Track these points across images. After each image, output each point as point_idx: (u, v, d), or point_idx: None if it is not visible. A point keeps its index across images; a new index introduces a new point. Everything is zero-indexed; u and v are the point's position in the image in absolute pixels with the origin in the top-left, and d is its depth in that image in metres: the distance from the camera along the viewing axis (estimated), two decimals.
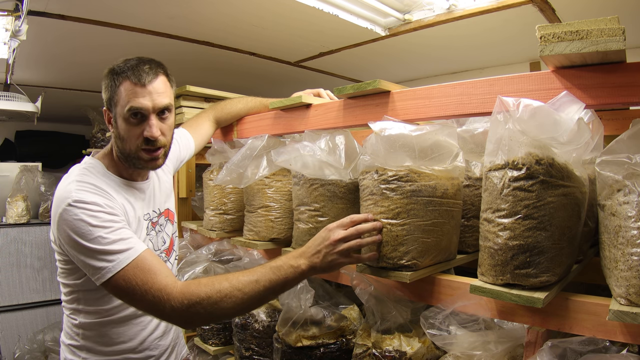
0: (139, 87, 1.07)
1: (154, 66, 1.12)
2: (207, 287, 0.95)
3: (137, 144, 1.11)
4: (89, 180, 1.07)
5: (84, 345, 1.16)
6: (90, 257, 0.98)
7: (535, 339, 0.86)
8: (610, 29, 0.71)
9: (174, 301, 0.94)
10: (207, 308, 0.94)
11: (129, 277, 0.97)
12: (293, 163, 1.20)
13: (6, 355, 3.05)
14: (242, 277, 0.97)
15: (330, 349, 1.29)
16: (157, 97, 1.10)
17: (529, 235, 0.79)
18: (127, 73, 1.08)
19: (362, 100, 1.16)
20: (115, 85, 1.09)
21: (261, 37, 2.00)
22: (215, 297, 0.94)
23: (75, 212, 0.99)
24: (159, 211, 1.30)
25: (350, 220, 0.99)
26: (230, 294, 0.95)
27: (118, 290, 0.99)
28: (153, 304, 0.96)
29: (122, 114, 1.09)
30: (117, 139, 1.13)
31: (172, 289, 0.95)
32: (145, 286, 0.96)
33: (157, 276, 0.97)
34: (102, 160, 1.18)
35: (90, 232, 0.98)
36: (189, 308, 0.94)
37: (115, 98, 1.09)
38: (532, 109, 0.76)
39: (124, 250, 0.99)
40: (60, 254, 1.11)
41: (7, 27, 1.75)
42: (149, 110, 1.09)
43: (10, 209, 3.22)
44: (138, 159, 1.13)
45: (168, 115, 1.15)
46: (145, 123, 1.10)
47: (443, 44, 2.08)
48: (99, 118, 3.70)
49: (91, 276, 1.00)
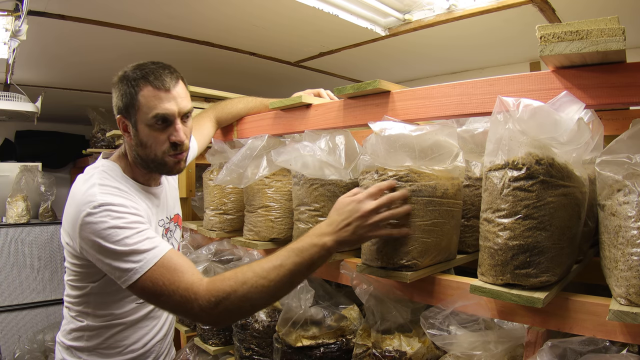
0: (163, 92, 1.06)
1: (173, 71, 1.11)
2: (232, 280, 0.91)
3: (164, 149, 1.10)
4: (111, 184, 1.06)
5: (86, 347, 1.16)
6: (116, 260, 0.96)
7: (535, 339, 0.86)
8: (610, 29, 0.71)
9: (202, 300, 0.90)
10: (235, 302, 0.90)
11: (156, 277, 0.94)
12: (293, 163, 1.20)
13: (6, 355, 3.05)
14: (265, 264, 0.92)
15: (330, 349, 1.29)
16: (181, 101, 1.09)
17: (529, 235, 0.79)
18: (148, 79, 1.05)
19: (362, 100, 1.16)
20: (135, 91, 1.06)
21: (261, 37, 2.00)
22: (241, 290, 0.90)
23: (100, 215, 0.97)
24: (170, 217, 1.30)
25: (378, 189, 0.93)
26: (256, 284, 0.90)
27: (145, 292, 0.96)
28: (181, 304, 0.92)
29: (146, 120, 1.06)
30: (139, 146, 1.10)
31: (198, 287, 0.92)
32: (172, 286, 0.93)
33: (184, 275, 0.94)
34: (119, 163, 1.16)
35: (116, 234, 0.96)
36: (217, 305, 0.90)
37: (136, 105, 1.06)
38: (532, 109, 0.76)
39: (149, 249, 0.96)
40: (76, 257, 1.08)
41: (7, 27, 1.75)
42: (174, 115, 1.08)
43: (10, 209, 3.22)
44: (164, 164, 1.12)
45: (188, 119, 1.14)
46: (171, 128, 1.09)
47: (443, 44, 2.08)
48: (99, 118, 3.70)
49: (117, 279, 0.98)
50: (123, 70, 1.11)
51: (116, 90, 1.10)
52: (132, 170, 1.17)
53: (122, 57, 2.19)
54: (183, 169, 1.18)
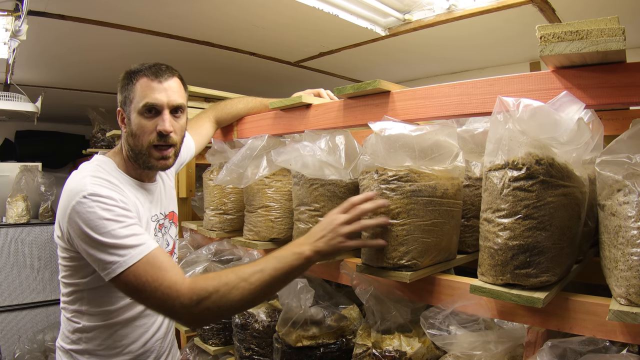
0: (155, 82, 1.11)
1: (171, 68, 1.17)
2: (215, 280, 0.94)
3: (150, 139, 1.12)
4: (102, 176, 1.07)
5: (86, 350, 1.15)
6: (101, 251, 0.97)
7: (535, 339, 0.86)
8: (610, 29, 0.71)
9: (184, 298, 0.93)
10: (216, 302, 0.93)
11: (140, 272, 0.95)
12: (293, 163, 1.20)
13: (6, 355, 3.05)
14: (247, 268, 0.96)
15: (330, 349, 1.29)
16: (172, 94, 1.13)
17: (529, 235, 0.79)
18: (144, 71, 1.12)
19: (362, 100, 1.16)
20: (132, 83, 1.12)
21: (261, 37, 2.00)
22: (223, 289, 0.93)
23: (90, 205, 0.98)
24: (165, 213, 1.31)
25: (350, 204, 0.99)
26: (237, 285, 0.93)
27: (127, 286, 0.97)
28: (162, 301, 0.94)
29: (137, 109, 1.11)
30: (130, 136, 1.14)
31: (181, 285, 0.94)
32: (155, 283, 0.95)
33: (167, 273, 0.96)
34: (113, 159, 1.19)
35: (104, 226, 0.97)
36: (199, 304, 0.93)
37: (131, 95, 1.12)
38: (532, 109, 0.76)
39: (136, 245, 0.98)
40: (66, 250, 1.09)
41: (7, 27, 1.76)
42: (163, 106, 1.12)
43: (10, 209, 3.22)
44: (149, 156, 1.14)
45: (181, 115, 1.18)
46: (159, 118, 1.12)
47: (443, 44, 2.08)
48: (99, 118, 3.71)
49: (100, 271, 0.99)
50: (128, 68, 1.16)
51: (119, 86, 1.16)
52: (126, 165, 1.19)
53: (122, 57, 2.19)
54: (170, 166, 1.19)
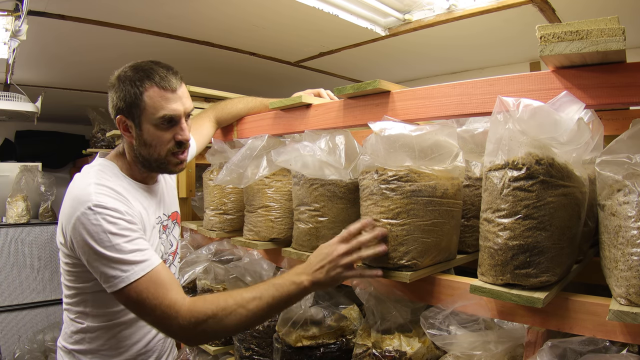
0: (169, 92, 1.08)
1: (176, 71, 1.13)
2: (213, 304, 0.95)
3: (168, 148, 1.12)
4: (107, 184, 1.06)
5: (89, 350, 1.15)
6: (104, 265, 0.97)
7: (535, 339, 0.86)
8: (610, 29, 0.71)
9: (182, 319, 0.94)
10: (212, 326, 0.95)
11: (141, 289, 0.96)
12: (293, 163, 1.20)
13: (6, 355, 3.05)
14: (246, 294, 0.97)
15: (330, 349, 1.29)
16: (186, 101, 1.13)
17: (529, 235, 0.79)
18: (153, 79, 1.07)
19: (362, 100, 1.16)
20: (140, 92, 1.06)
21: (261, 37, 2.00)
22: (220, 314, 0.95)
23: (95, 217, 0.98)
24: (168, 214, 1.31)
25: (349, 233, 0.98)
26: (235, 311, 0.95)
27: (128, 300, 0.99)
28: (161, 318, 0.96)
29: (152, 120, 1.08)
30: (142, 145, 1.11)
31: (180, 306, 0.95)
32: (155, 300, 0.96)
33: (168, 292, 0.97)
34: (115, 162, 1.17)
35: (109, 239, 0.98)
36: (196, 326, 0.94)
37: (141, 105, 1.07)
38: (532, 109, 0.76)
39: (139, 261, 0.98)
40: (69, 257, 1.09)
41: (7, 27, 1.76)
42: (181, 116, 1.11)
43: (10, 209, 3.22)
44: (167, 163, 1.14)
45: (189, 118, 1.18)
46: (177, 127, 1.11)
47: (443, 44, 2.08)
48: (99, 118, 3.71)
49: (103, 283, 1.00)
50: (121, 71, 1.11)
51: (116, 91, 1.10)
52: (129, 168, 1.18)
53: (122, 57, 2.17)
54: (184, 169, 1.20)
